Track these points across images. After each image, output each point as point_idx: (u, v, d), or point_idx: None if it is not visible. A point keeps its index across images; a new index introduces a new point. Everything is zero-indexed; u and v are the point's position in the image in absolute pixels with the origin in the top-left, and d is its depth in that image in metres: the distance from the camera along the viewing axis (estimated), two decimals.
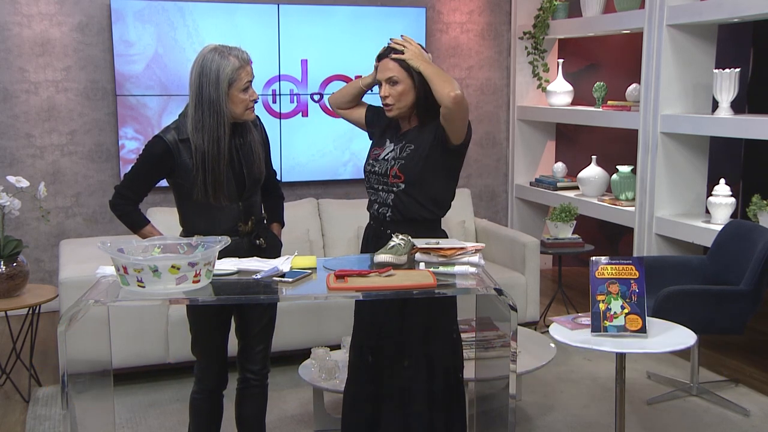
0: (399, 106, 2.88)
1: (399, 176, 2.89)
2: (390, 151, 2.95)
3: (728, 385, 4.17)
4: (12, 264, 3.98)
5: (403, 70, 2.84)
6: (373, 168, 2.97)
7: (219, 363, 2.94)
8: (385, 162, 2.93)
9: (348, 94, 3.12)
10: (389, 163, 2.92)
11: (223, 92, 2.67)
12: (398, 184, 2.90)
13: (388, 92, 2.86)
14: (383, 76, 2.86)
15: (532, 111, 6.35)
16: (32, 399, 4.02)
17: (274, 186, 3.07)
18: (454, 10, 6.32)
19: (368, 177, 3.00)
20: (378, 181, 2.95)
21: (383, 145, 2.99)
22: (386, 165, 2.92)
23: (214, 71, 2.66)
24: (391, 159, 2.92)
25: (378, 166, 2.95)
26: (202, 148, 2.70)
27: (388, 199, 2.93)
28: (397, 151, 2.92)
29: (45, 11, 5.35)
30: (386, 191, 2.93)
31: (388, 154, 2.94)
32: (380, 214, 2.95)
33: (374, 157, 2.98)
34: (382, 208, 2.94)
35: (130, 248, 2.45)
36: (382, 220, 2.95)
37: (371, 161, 2.99)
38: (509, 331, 2.45)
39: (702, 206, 5.03)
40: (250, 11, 5.68)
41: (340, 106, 3.14)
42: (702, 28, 4.88)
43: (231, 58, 2.68)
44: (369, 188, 3.01)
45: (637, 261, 2.94)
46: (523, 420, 3.77)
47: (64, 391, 2.30)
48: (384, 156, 2.95)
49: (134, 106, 5.53)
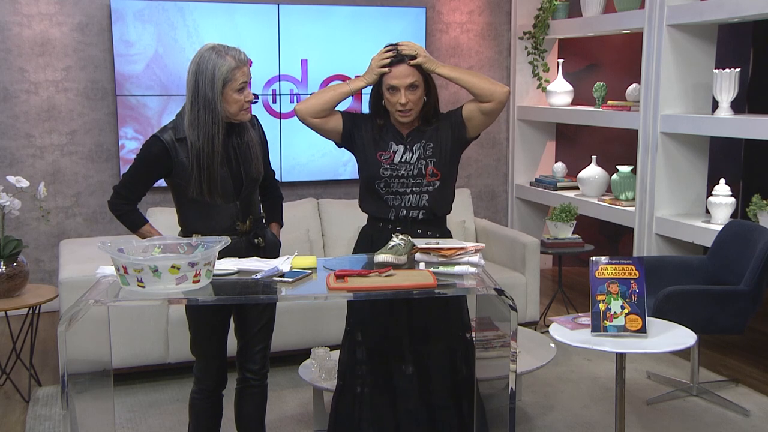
0: (417, 110, 2.89)
1: (436, 174, 2.90)
2: (405, 153, 2.92)
3: (728, 385, 4.17)
4: (12, 264, 3.98)
5: (420, 75, 2.86)
6: (397, 172, 2.91)
7: (218, 363, 2.94)
8: (411, 164, 2.90)
9: (329, 101, 2.91)
10: (421, 163, 2.90)
11: (217, 91, 2.67)
12: (435, 182, 2.91)
13: (408, 98, 2.84)
14: (403, 82, 2.83)
15: (532, 111, 6.35)
16: (32, 399, 4.02)
17: (273, 186, 3.07)
18: (454, 10, 6.32)
19: (388, 182, 2.92)
20: (405, 184, 2.91)
21: (388, 149, 2.93)
22: (416, 166, 2.90)
23: (210, 70, 2.67)
24: (418, 159, 2.90)
25: (404, 168, 2.91)
26: (197, 145, 2.70)
27: (420, 201, 2.91)
28: (419, 151, 2.91)
29: (45, 11, 5.36)
30: (418, 192, 2.91)
31: (407, 156, 2.91)
32: (410, 215, 2.92)
33: (388, 162, 2.92)
34: (412, 211, 2.92)
35: (130, 248, 2.45)
36: (411, 221, 2.92)
37: (387, 166, 2.92)
38: (509, 331, 2.45)
39: (702, 206, 5.03)
40: (250, 11, 5.68)
41: (317, 115, 2.91)
42: (702, 28, 4.88)
43: (228, 58, 2.68)
44: (389, 194, 2.93)
45: (637, 261, 2.94)
46: (523, 420, 3.77)
47: (64, 391, 2.30)
48: (402, 159, 2.91)
49: (134, 106, 5.53)
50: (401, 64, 2.84)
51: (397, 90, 2.84)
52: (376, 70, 2.87)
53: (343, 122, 2.98)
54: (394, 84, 2.84)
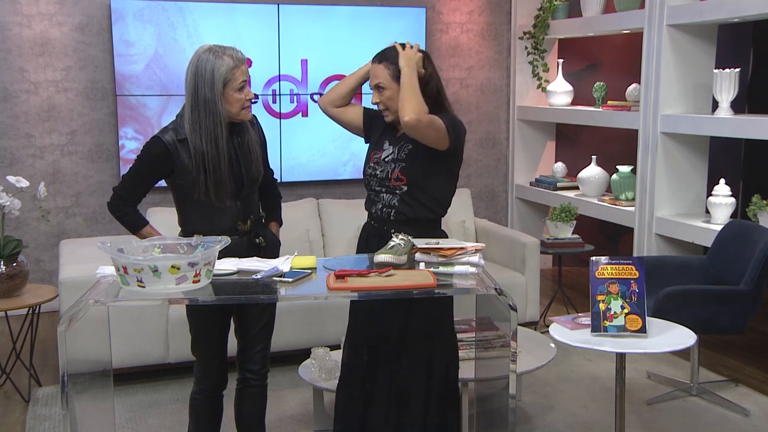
0: (393, 110, 2.89)
1: (401, 179, 2.90)
2: (389, 154, 2.95)
3: (728, 385, 4.17)
4: (12, 264, 3.98)
5: (389, 76, 2.87)
6: (374, 171, 2.97)
7: (218, 363, 2.94)
8: (386, 165, 2.93)
9: (342, 90, 3.05)
10: (390, 165, 2.92)
11: (218, 92, 2.67)
12: (400, 186, 2.91)
13: (377, 98, 2.91)
14: (371, 82, 2.91)
15: (532, 111, 6.35)
16: (32, 399, 4.02)
17: (272, 185, 3.07)
18: (454, 10, 6.32)
19: (369, 180, 2.99)
20: (380, 184, 2.95)
21: (381, 147, 2.98)
22: (387, 168, 2.92)
23: (209, 71, 2.66)
24: (391, 161, 2.92)
25: (379, 169, 2.95)
26: (200, 148, 2.70)
27: (392, 201, 2.93)
28: (395, 153, 2.93)
29: (45, 11, 5.35)
30: (389, 193, 2.93)
31: (388, 156, 2.94)
32: (384, 213, 2.95)
33: (374, 161, 2.98)
34: (385, 208, 2.94)
35: (130, 248, 2.45)
36: (385, 219, 2.95)
37: (372, 164, 2.98)
38: (509, 331, 2.45)
39: (702, 206, 5.03)
40: (250, 11, 5.68)
41: (335, 104, 3.05)
42: (702, 28, 4.88)
43: (225, 58, 2.68)
44: (370, 191, 3.01)
45: (637, 261, 2.94)
46: (523, 420, 3.77)
47: (64, 391, 2.30)
48: (384, 158, 2.95)
49: (134, 106, 5.53)
50: (375, 63, 2.91)
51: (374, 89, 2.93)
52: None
53: (364, 116, 3.06)
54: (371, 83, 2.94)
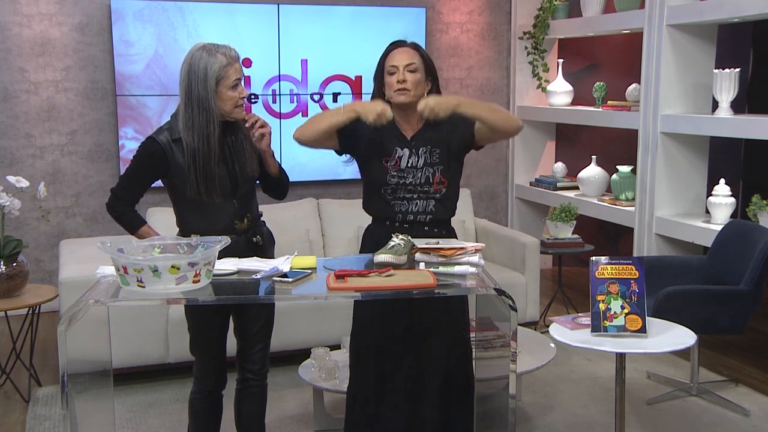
0: (415, 94, 2.84)
1: (443, 181, 2.89)
2: (411, 157, 2.89)
3: (728, 385, 4.17)
4: (12, 264, 3.98)
5: (422, 63, 2.87)
6: (403, 179, 2.89)
7: (218, 363, 2.94)
8: (416, 171, 2.88)
9: (320, 131, 2.86)
10: (423, 171, 2.88)
11: (211, 89, 2.68)
12: (440, 190, 2.90)
13: (405, 77, 2.83)
14: (401, 61, 2.83)
15: (532, 111, 6.35)
16: (32, 399, 4.02)
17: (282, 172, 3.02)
18: (454, 10, 6.32)
19: (395, 189, 2.90)
20: (412, 191, 2.90)
21: (392, 153, 2.91)
22: (419, 174, 2.88)
23: (202, 69, 2.68)
24: (425, 165, 2.88)
25: (410, 176, 2.89)
26: (192, 145, 2.70)
27: (427, 207, 2.90)
28: (424, 156, 2.88)
29: (45, 11, 5.35)
30: (425, 199, 2.90)
31: (412, 161, 2.89)
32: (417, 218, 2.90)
33: (395, 168, 2.90)
34: (420, 215, 2.90)
35: (130, 248, 2.45)
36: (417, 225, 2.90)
37: (393, 173, 2.89)
38: (509, 331, 2.45)
39: (702, 206, 5.03)
40: (250, 11, 5.68)
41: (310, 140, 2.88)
42: (702, 28, 4.87)
43: (219, 56, 2.69)
44: (396, 199, 2.91)
45: (637, 261, 2.94)
46: (523, 420, 3.77)
47: (64, 391, 2.30)
48: (409, 164, 2.89)
49: (134, 106, 5.53)
50: (405, 46, 2.87)
51: (397, 69, 2.84)
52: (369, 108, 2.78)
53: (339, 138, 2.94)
54: (394, 63, 2.85)
